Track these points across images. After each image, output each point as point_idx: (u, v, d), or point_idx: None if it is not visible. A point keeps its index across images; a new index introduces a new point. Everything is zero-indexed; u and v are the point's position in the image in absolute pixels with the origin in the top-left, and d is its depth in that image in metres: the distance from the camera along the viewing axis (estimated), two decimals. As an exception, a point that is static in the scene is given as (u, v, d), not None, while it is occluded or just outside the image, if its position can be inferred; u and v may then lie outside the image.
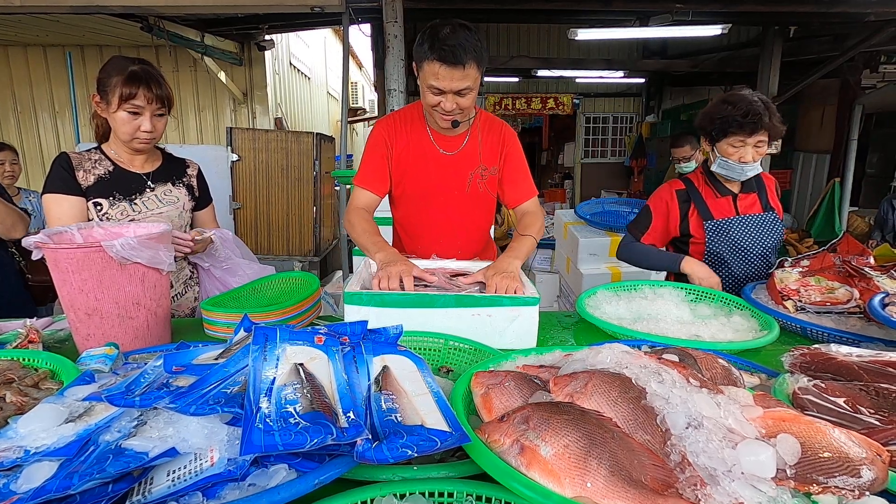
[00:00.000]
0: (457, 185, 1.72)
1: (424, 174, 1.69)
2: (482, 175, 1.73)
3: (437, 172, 1.69)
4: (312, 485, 0.61)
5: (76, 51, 6.07)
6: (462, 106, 1.50)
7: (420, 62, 1.46)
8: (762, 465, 0.62)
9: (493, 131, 1.73)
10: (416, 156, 1.68)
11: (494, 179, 1.76)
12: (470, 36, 1.41)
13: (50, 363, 1.05)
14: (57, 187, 1.49)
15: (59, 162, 1.52)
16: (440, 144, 1.68)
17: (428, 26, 1.44)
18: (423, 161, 1.68)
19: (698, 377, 0.81)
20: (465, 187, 1.73)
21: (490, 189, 1.76)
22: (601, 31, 5.60)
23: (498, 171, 1.75)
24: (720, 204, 1.79)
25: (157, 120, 1.54)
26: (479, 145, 1.71)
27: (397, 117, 1.69)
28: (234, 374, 0.74)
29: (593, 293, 1.62)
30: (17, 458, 0.64)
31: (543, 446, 0.63)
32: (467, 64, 1.41)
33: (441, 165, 1.69)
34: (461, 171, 1.71)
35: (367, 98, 12.65)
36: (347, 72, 4.56)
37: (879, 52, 6.12)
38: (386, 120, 1.70)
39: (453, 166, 1.70)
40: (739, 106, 1.64)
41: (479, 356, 1.11)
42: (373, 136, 1.69)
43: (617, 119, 9.49)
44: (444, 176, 1.70)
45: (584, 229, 2.78)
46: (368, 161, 1.68)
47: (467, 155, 1.70)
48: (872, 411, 0.81)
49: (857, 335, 1.28)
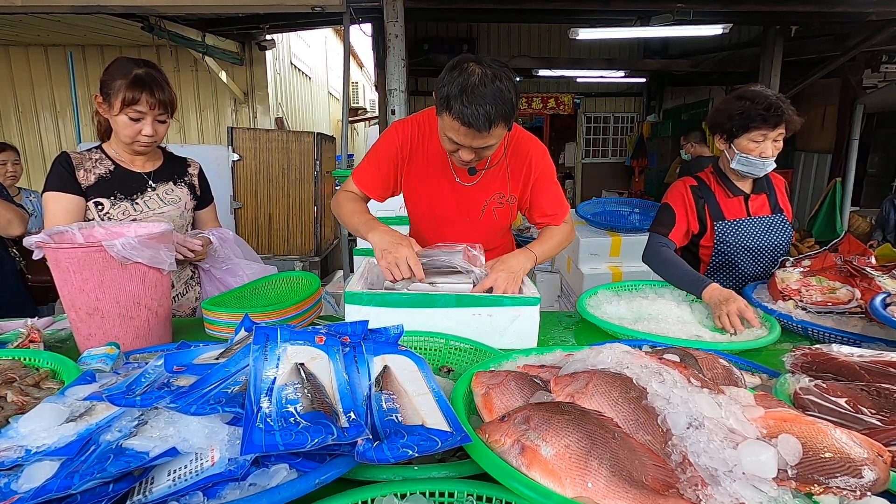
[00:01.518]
0: (470, 214, 1.62)
1: (438, 201, 1.60)
2: (499, 203, 1.61)
3: (452, 201, 1.59)
4: (313, 484, 0.61)
5: (77, 51, 6.08)
6: (482, 156, 1.37)
7: (440, 108, 1.28)
8: (763, 466, 0.62)
9: (519, 155, 1.56)
10: (431, 179, 1.56)
11: (513, 207, 1.64)
12: (503, 89, 1.21)
13: (51, 363, 1.05)
14: (56, 186, 1.50)
15: (60, 161, 1.53)
16: (458, 174, 1.56)
17: (457, 62, 1.25)
18: (437, 188, 1.57)
19: (699, 377, 0.81)
20: (479, 215, 1.62)
21: (503, 216, 1.64)
22: (602, 30, 5.59)
23: (517, 199, 1.62)
24: (732, 204, 1.78)
25: (159, 125, 1.54)
26: (504, 171, 1.57)
27: (416, 126, 1.53)
28: (235, 374, 0.74)
29: (594, 293, 1.62)
30: (18, 458, 0.64)
31: (544, 446, 0.63)
32: (494, 127, 1.24)
33: (456, 194, 1.58)
34: (477, 201, 1.60)
35: (368, 98, 12.65)
36: (348, 71, 4.56)
37: (881, 51, 6.12)
38: (404, 125, 1.54)
39: (469, 196, 1.59)
40: (759, 101, 1.62)
41: (480, 356, 1.11)
42: (388, 138, 1.54)
43: (618, 119, 9.49)
44: (458, 204, 1.60)
45: (584, 229, 2.78)
46: (374, 163, 1.55)
47: (486, 183, 1.58)
48: (874, 412, 0.81)
49: (858, 335, 1.28)
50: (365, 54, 11.88)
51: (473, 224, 1.63)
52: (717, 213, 1.77)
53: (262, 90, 6.43)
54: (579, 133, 9.56)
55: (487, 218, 1.63)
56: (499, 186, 1.59)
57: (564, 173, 10.73)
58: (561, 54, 8.42)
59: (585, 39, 5.78)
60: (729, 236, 1.75)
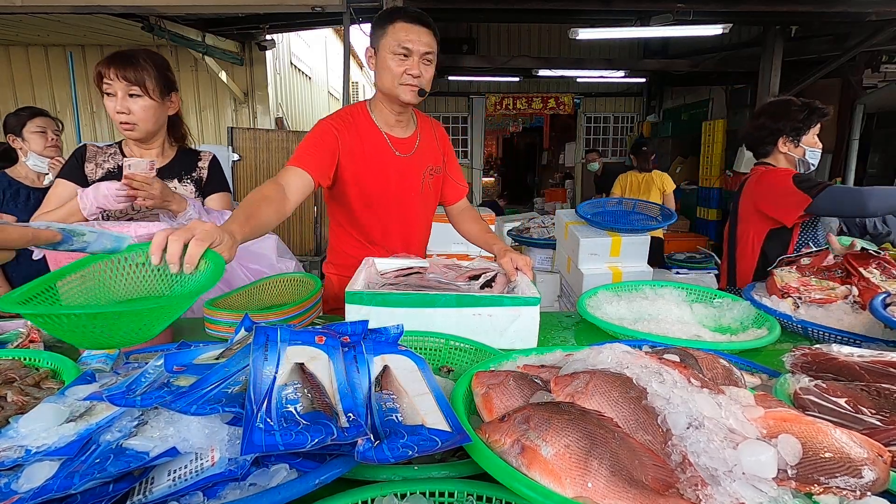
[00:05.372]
0: (412, 187, 1.68)
1: (384, 178, 1.62)
2: (431, 175, 1.72)
3: (396, 176, 1.64)
4: (313, 484, 0.61)
5: (77, 51, 6.08)
6: (426, 76, 1.49)
7: (383, 29, 1.46)
8: (763, 466, 0.62)
9: (432, 129, 1.75)
10: (371, 159, 1.59)
11: (440, 178, 1.77)
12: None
13: (51, 363, 1.05)
14: (64, 174, 1.60)
15: (75, 152, 1.62)
16: (396, 146, 1.63)
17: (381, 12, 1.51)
18: (380, 165, 1.60)
19: (699, 377, 0.81)
20: (420, 188, 1.69)
21: (436, 189, 1.77)
22: (602, 30, 5.59)
23: (441, 169, 1.76)
24: None
25: (132, 101, 1.50)
26: (432, 142, 1.72)
27: (345, 115, 1.60)
28: (235, 374, 0.74)
29: (594, 293, 1.62)
30: (18, 458, 0.64)
31: (544, 446, 0.63)
32: (432, 27, 1.46)
33: (398, 169, 1.63)
34: (416, 173, 1.68)
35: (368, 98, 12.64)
36: (348, 71, 4.57)
37: (881, 51, 6.11)
38: (332, 118, 1.58)
39: (409, 169, 1.66)
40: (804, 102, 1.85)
41: (480, 356, 1.11)
42: (320, 128, 1.55)
43: (618, 119, 9.49)
44: (401, 179, 1.65)
45: (585, 229, 2.78)
46: (313, 147, 1.50)
47: (421, 156, 1.68)
48: (874, 412, 0.81)
49: (858, 335, 1.28)
50: (365, 54, 11.87)
51: (416, 200, 1.70)
52: None
53: (262, 90, 6.43)
54: (579, 133, 9.55)
55: (426, 192, 1.72)
56: (431, 159, 1.72)
57: (564, 173, 10.73)
58: (561, 54, 8.42)
59: (585, 39, 5.77)
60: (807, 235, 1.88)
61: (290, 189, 1.38)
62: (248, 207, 1.18)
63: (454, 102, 9.10)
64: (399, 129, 1.65)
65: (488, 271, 1.50)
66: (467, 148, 9.29)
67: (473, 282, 1.43)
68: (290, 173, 1.42)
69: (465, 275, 1.47)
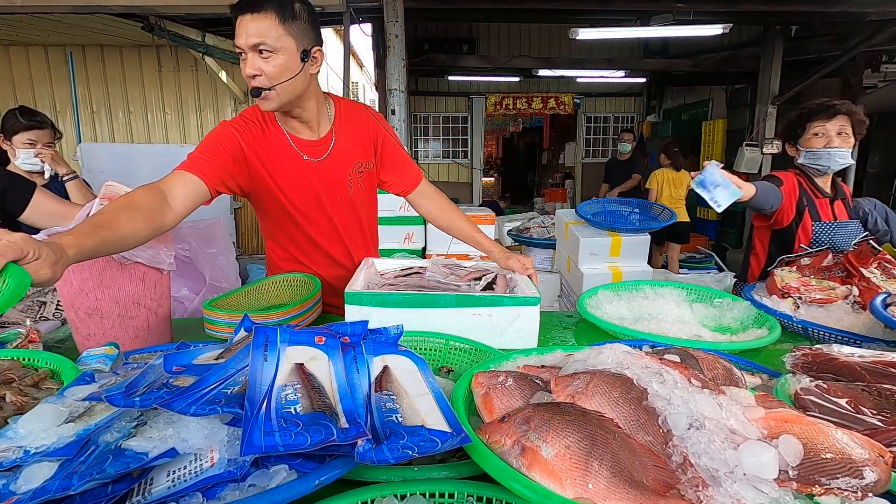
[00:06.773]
0: (338, 191, 1.51)
1: (296, 189, 1.45)
2: (361, 172, 1.53)
3: (311, 184, 1.46)
4: (313, 485, 0.61)
5: (77, 50, 6.07)
6: (265, 71, 1.23)
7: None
8: (764, 467, 0.62)
9: (357, 119, 1.52)
10: (280, 165, 1.42)
11: (373, 174, 1.58)
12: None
13: (50, 363, 1.05)
14: None
15: None
16: (305, 151, 1.43)
17: None
18: (289, 175, 1.43)
19: (700, 378, 0.81)
20: (348, 191, 1.52)
21: (370, 185, 1.59)
22: (602, 30, 5.59)
23: (374, 163, 1.57)
24: (822, 204, 1.88)
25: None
26: (351, 137, 1.50)
27: (249, 115, 1.41)
28: (235, 375, 0.74)
29: (594, 293, 1.62)
30: (17, 459, 0.64)
31: (544, 447, 0.63)
32: (264, 9, 1.19)
33: (313, 175, 1.46)
34: (338, 176, 1.50)
35: (368, 98, 12.64)
36: (348, 71, 4.57)
37: (881, 51, 6.11)
38: (234, 119, 1.40)
39: (329, 173, 1.47)
40: (812, 103, 1.83)
41: (480, 356, 1.11)
42: (218, 129, 1.35)
43: (618, 119, 9.48)
44: (319, 186, 1.47)
45: (585, 229, 2.78)
46: (209, 151, 1.30)
47: (339, 157, 1.48)
48: (875, 412, 0.81)
49: (858, 335, 1.28)
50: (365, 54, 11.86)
51: (345, 203, 1.54)
52: (815, 214, 1.87)
53: (262, 90, 6.42)
54: (579, 133, 9.55)
55: (357, 192, 1.55)
56: (356, 155, 1.52)
57: (564, 173, 10.73)
58: (561, 54, 8.41)
59: (585, 39, 5.78)
60: (823, 238, 1.84)
61: (174, 196, 1.18)
62: (103, 215, 0.99)
63: (454, 102, 9.10)
64: (306, 131, 1.44)
65: (488, 273, 1.49)
66: (467, 148, 9.29)
67: (475, 283, 1.42)
68: (177, 178, 1.22)
69: (466, 276, 1.47)
